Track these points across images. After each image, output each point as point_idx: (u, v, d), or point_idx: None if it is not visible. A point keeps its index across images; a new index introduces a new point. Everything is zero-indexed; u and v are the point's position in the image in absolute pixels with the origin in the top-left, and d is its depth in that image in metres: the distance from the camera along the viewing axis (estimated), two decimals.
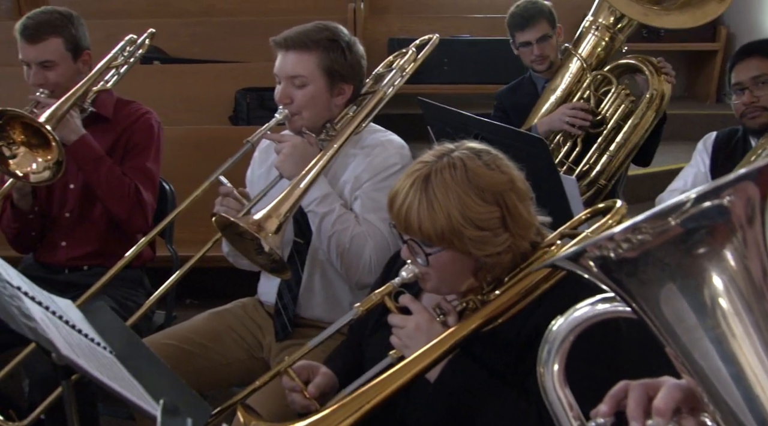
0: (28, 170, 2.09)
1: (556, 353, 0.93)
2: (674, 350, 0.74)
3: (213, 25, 5.12)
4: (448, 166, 1.30)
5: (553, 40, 2.87)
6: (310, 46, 1.87)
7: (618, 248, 0.72)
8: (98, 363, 1.25)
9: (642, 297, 0.75)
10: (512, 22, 2.90)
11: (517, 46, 2.93)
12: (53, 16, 2.28)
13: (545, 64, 2.89)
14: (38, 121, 2.01)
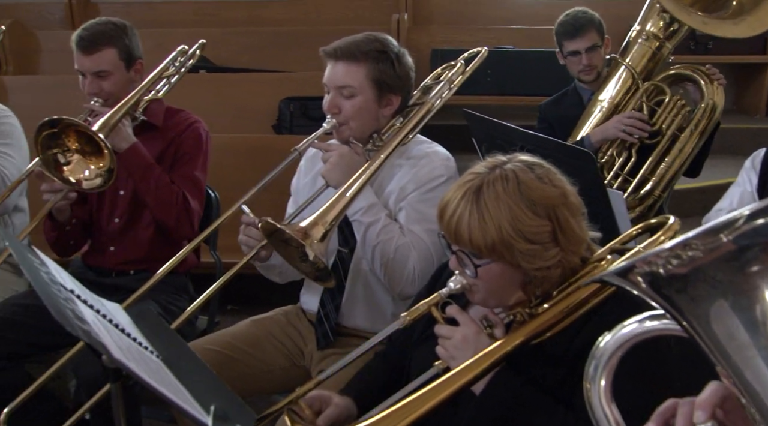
0: (81, 177, 2.14)
1: (603, 369, 0.92)
2: (725, 369, 0.73)
3: (258, 34, 5.19)
4: (500, 178, 1.30)
5: (601, 50, 2.84)
6: (359, 57, 1.88)
7: (668, 264, 0.71)
8: (146, 367, 1.27)
9: (692, 314, 0.74)
10: (562, 30, 2.86)
11: (564, 55, 2.89)
12: (108, 27, 2.32)
13: (593, 75, 2.85)
14: (92, 129, 2.06)
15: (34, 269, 1.29)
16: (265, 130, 4.20)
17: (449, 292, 1.38)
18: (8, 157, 2.48)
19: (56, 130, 2.06)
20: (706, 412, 0.77)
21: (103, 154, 2.08)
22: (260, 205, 1.95)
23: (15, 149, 2.52)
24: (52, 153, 2.09)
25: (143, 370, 1.18)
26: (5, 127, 2.55)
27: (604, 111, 2.77)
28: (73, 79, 2.43)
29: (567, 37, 2.84)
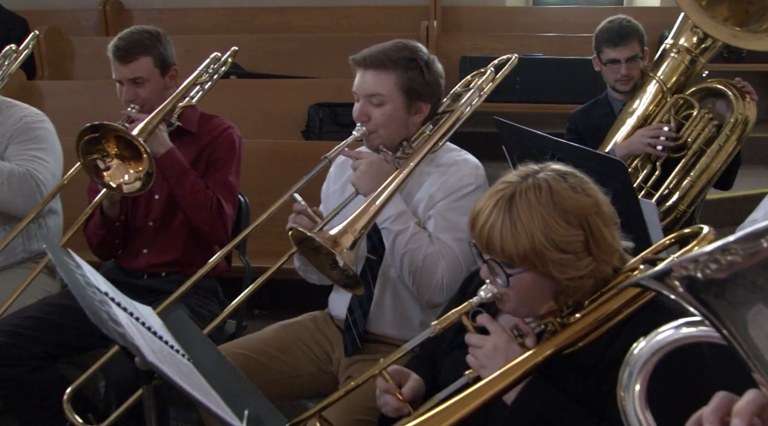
0: (121, 181, 2.17)
1: (637, 376, 0.91)
2: (763, 375, 0.72)
3: (288, 41, 5.23)
4: (533, 187, 1.29)
5: (640, 62, 2.79)
6: (388, 65, 1.89)
7: (706, 269, 0.70)
8: (178, 370, 1.28)
9: (730, 319, 0.73)
10: (605, 37, 2.79)
11: (603, 62, 2.83)
12: (143, 35, 2.36)
13: (629, 86, 2.81)
14: (132, 134, 2.09)
15: (70, 272, 1.31)
16: (294, 136, 4.23)
17: (480, 301, 1.38)
18: (43, 161, 2.52)
19: (96, 136, 2.09)
20: (744, 420, 0.76)
21: (141, 158, 2.11)
22: (289, 212, 1.97)
23: (49, 153, 2.56)
24: (92, 158, 2.13)
25: (175, 373, 1.19)
26: (40, 131, 2.60)
27: (632, 124, 2.74)
28: (106, 84, 2.48)
29: (609, 44, 2.78)
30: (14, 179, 2.43)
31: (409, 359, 1.73)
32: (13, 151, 2.53)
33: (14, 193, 2.42)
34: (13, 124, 2.58)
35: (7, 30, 5.54)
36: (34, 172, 2.47)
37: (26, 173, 2.45)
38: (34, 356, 2.21)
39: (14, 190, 2.42)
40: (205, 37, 5.04)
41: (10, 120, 2.59)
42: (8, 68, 2.71)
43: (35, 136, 2.57)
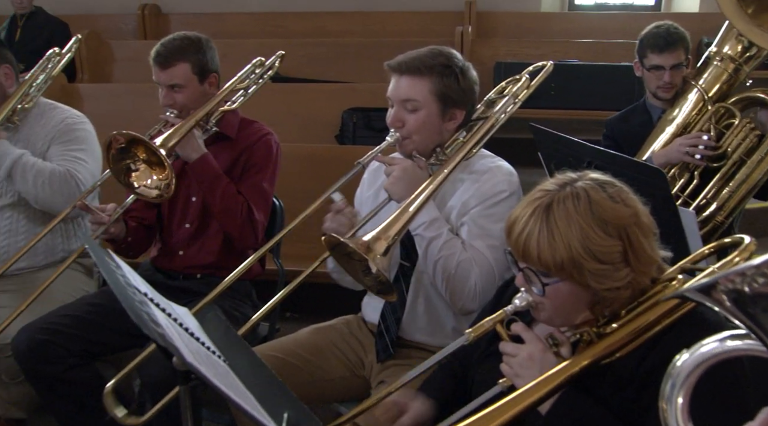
0: (142, 184, 2.20)
1: (680, 388, 0.91)
2: None
3: (323, 46, 5.27)
4: (570, 196, 1.28)
5: (684, 70, 2.74)
6: (423, 71, 1.89)
7: (753, 282, 0.70)
8: (215, 371, 1.29)
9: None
10: (652, 42, 2.74)
11: (647, 67, 2.78)
12: (183, 42, 2.39)
13: (671, 93, 2.75)
14: (154, 144, 2.12)
15: (111, 272, 1.33)
16: (328, 141, 4.25)
17: (514, 309, 1.37)
18: (83, 162, 2.57)
19: (123, 145, 2.13)
20: None
21: (164, 167, 2.13)
22: (321, 217, 1.98)
23: (89, 154, 2.61)
24: (125, 163, 2.17)
25: (213, 375, 1.20)
26: (81, 133, 2.65)
27: (671, 132, 2.70)
28: (145, 87, 2.53)
29: (655, 49, 2.73)
30: (55, 179, 2.48)
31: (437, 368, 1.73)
32: (55, 151, 2.58)
33: (55, 192, 2.47)
34: (55, 125, 2.63)
35: (49, 34, 5.68)
36: (74, 173, 2.52)
37: (66, 173, 2.50)
38: (73, 354, 2.25)
39: (55, 189, 2.47)
40: (241, 42, 5.11)
41: (52, 121, 2.65)
42: (51, 71, 2.76)
43: (76, 137, 2.63)
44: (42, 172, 2.47)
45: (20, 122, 2.62)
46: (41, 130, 2.63)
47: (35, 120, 2.65)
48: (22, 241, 2.60)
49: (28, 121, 2.64)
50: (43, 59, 2.77)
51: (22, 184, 2.48)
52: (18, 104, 2.59)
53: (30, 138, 2.62)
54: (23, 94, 2.60)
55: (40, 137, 2.62)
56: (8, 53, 2.65)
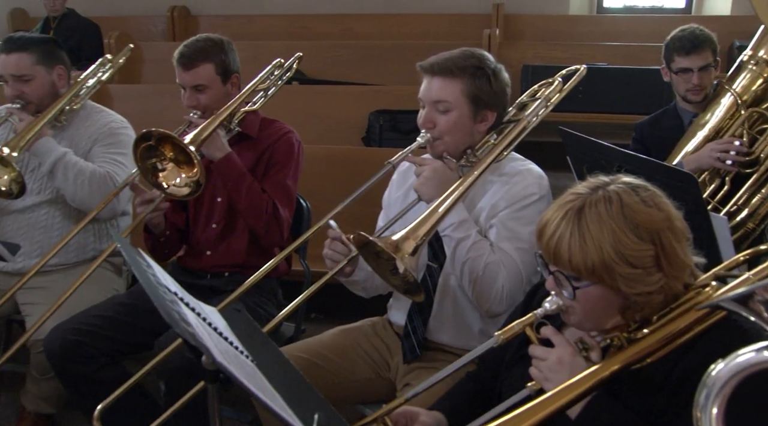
0: (171, 183, 2.22)
1: (715, 398, 0.89)
2: None
3: (350, 48, 5.28)
4: (603, 200, 1.27)
5: (713, 71, 2.72)
6: (456, 73, 1.89)
7: None
8: (243, 371, 1.30)
9: None
10: (678, 45, 2.73)
11: (674, 71, 2.76)
12: (206, 43, 2.41)
13: (701, 96, 2.73)
14: (183, 141, 2.14)
15: (142, 271, 1.34)
16: (355, 143, 4.26)
17: (544, 312, 1.36)
18: (122, 165, 2.62)
19: (153, 143, 2.15)
20: None
21: (193, 165, 2.15)
22: (350, 217, 1.98)
23: (128, 158, 2.63)
24: (151, 162, 2.20)
25: (241, 374, 1.21)
26: (123, 137, 2.70)
27: (703, 136, 2.66)
28: (173, 88, 2.55)
29: (681, 52, 2.71)
30: (95, 179, 2.53)
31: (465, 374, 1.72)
32: (97, 152, 2.65)
33: (93, 192, 2.52)
34: (99, 128, 2.70)
35: (81, 35, 5.77)
36: (113, 175, 2.57)
37: (106, 175, 2.55)
38: (104, 354, 2.28)
39: (93, 189, 2.52)
40: (269, 44, 5.14)
41: (97, 124, 2.71)
42: (102, 76, 2.83)
43: (118, 141, 2.68)
44: (83, 172, 2.52)
45: (67, 122, 2.69)
46: (86, 131, 2.69)
47: (81, 121, 2.71)
48: (56, 238, 2.65)
49: (74, 121, 2.71)
50: (96, 64, 2.85)
51: (63, 182, 2.53)
52: (67, 105, 2.65)
53: (74, 138, 2.68)
54: (73, 95, 2.67)
55: (84, 138, 2.68)
56: (64, 55, 2.72)
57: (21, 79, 2.57)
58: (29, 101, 2.60)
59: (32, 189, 2.64)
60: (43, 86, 2.62)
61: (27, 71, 2.57)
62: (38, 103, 2.61)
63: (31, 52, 2.58)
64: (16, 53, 2.57)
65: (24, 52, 2.57)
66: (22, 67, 2.57)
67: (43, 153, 2.52)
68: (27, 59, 2.57)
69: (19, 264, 2.60)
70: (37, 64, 2.59)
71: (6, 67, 2.58)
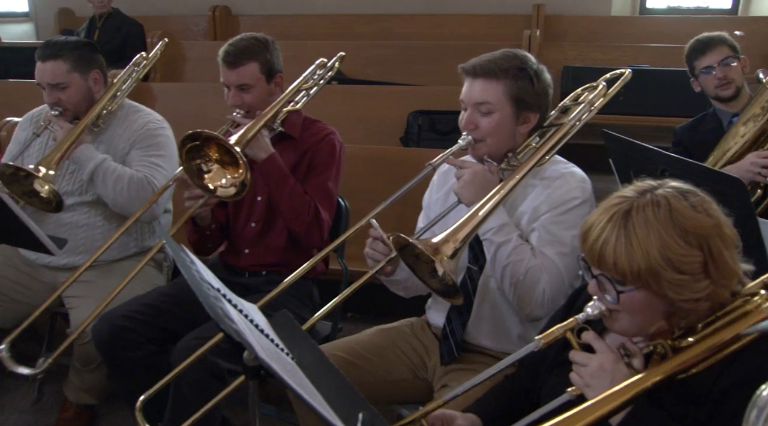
0: (218, 185, 2.24)
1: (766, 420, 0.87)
2: None
3: (389, 48, 5.29)
4: (650, 204, 1.26)
5: (737, 65, 2.75)
6: (498, 74, 1.88)
7: None
8: (284, 369, 1.31)
9: None
10: (693, 48, 2.84)
11: (697, 75, 2.82)
12: (251, 42, 2.43)
13: (731, 90, 2.74)
14: (229, 142, 2.15)
15: (187, 267, 1.37)
16: (393, 143, 4.26)
17: (586, 317, 1.35)
18: (160, 168, 2.65)
19: (198, 143, 2.16)
20: None
21: (239, 165, 2.16)
22: (388, 218, 1.98)
23: (167, 160, 2.68)
24: (195, 163, 2.21)
25: (282, 371, 1.22)
26: (160, 138, 2.72)
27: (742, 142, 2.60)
28: (214, 86, 2.57)
29: (697, 54, 2.81)
30: (133, 185, 2.55)
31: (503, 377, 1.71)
32: (135, 155, 2.66)
33: (132, 198, 2.55)
34: (137, 129, 2.71)
35: (125, 34, 5.87)
36: (151, 179, 2.59)
37: (144, 179, 2.58)
38: (151, 340, 2.31)
39: (132, 195, 2.55)
40: (309, 43, 5.17)
41: (134, 125, 2.73)
42: (138, 74, 2.85)
43: (156, 142, 2.70)
44: (121, 178, 2.55)
45: (104, 124, 2.71)
46: (123, 132, 2.72)
47: (118, 122, 2.74)
48: (99, 234, 2.70)
49: (112, 123, 2.73)
50: (131, 63, 2.87)
51: (102, 188, 2.56)
52: (104, 109, 2.68)
53: (113, 140, 2.70)
54: (109, 98, 2.70)
55: (122, 139, 2.70)
56: (100, 57, 2.74)
57: (57, 87, 2.60)
58: (66, 108, 2.62)
59: (73, 190, 2.69)
60: (79, 93, 2.64)
61: (62, 79, 2.59)
62: (75, 109, 2.64)
63: (66, 59, 2.59)
64: (51, 61, 2.59)
65: (59, 60, 2.58)
66: (57, 75, 2.59)
67: (82, 161, 2.56)
68: (62, 67, 2.59)
69: (63, 260, 2.66)
70: (71, 71, 2.61)
71: (42, 76, 2.60)
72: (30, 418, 2.94)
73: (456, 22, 5.96)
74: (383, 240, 1.87)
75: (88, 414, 2.81)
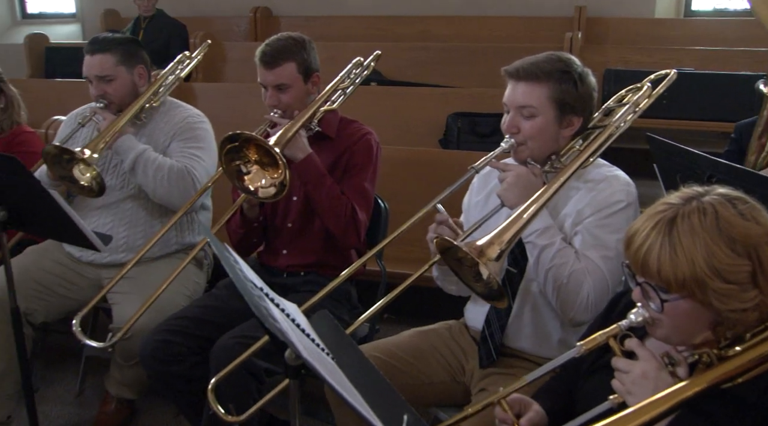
0: (258, 185, 2.25)
1: None
2: None
3: (428, 49, 5.28)
4: (697, 211, 1.24)
5: None
6: (541, 77, 1.86)
7: None
8: (325, 368, 1.32)
9: None
10: None
11: None
12: (288, 42, 2.43)
13: None
14: (269, 143, 2.17)
15: (231, 266, 1.38)
16: (432, 145, 4.25)
17: (629, 324, 1.34)
18: (200, 159, 2.69)
19: (237, 144, 2.18)
20: None
21: (278, 166, 2.17)
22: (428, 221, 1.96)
23: (206, 152, 2.73)
24: (235, 165, 2.22)
25: (324, 371, 1.23)
26: (199, 131, 2.78)
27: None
28: (254, 86, 2.59)
29: None
30: (173, 174, 2.60)
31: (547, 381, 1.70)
32: (175, 147, 2.72)
33: (172, 187, 2.60)
34: (177, 123, 2.78)
35: (168, 35, 5.97)
36: (191, 169, 2.63)
37: (184, 169, 2.62)
38: (192, 351, 2.33)
39: (173, 184, 2.60)
40: (348, 45, 5.19)
41: (175, 119, 2.79)
42: (180, 72, 2.91)
43: (195, 135, 2.75)
44: (162, 168, 2.60)
45: (146, 119, 2.78)
46: (165, 126, 2.78)
47: (160, 117, 2.80)
48: (140, 233, 2.76)
49: (153, 117, 2.80)
50: (174, 61, 2.93)
51: (143, 178, 2.61)
52: (146, 103, 2.75)
53: (154, 133, 2.76)
54: (152, 93, 2.76)
55: (163, 133, 2.76)
56: (144, 54, 2.81)
57: (104, 80, 2.68)
58: (111, 101, 2.70)
59: (115, 184, 2.75)
60: (124, 86, 2.71)
61: (109, 72, 2.67)
62: (119, 102, 2.71)
63: (113, 53, 2.68)
64: (99, 54, 2.67)
65: (106, 53, 2.67)
66: (104, 68, 2.67)
67: (124, 150, 2.61)
68: (109, 60, 2.67)
69: (107, 257, 2.71)
70: (118, 64, 2.69)
71: (90, 69, 2.69)
72: (73, 411, 3.01)
73: (495, 24, 5.92)
74: (449, 225, 1.87)
75: (128, 408, 2.86)
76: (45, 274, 2.72)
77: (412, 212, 1.99)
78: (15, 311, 2.33)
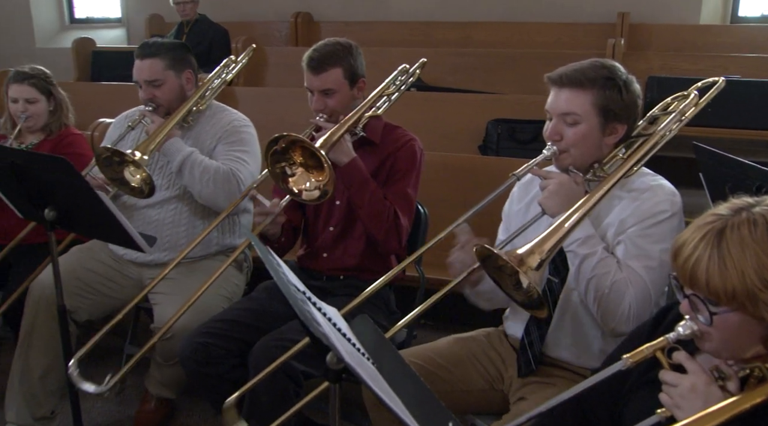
0: (303, 188, 2.27)
1: None
2: None
3: (469, 55, 5.26)
4: (747, 222, 1.21)
5: None
6: (585, 85, 1.84)
7: None
8: (366, 373, 1.32)
9: None
10: None
11: None
12: (335, 47, 2.45)
13: None
14: (315, 145, 2.19)
15: (275, 269, 1.39)
16: (471, 151, 4.23)
17: (677, 337, 1.31)
18: (244, 162, 2.73)
19: (283, 146, 2.20)
20: None
21: (323, 168, 2.18)
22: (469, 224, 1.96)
23: (251, 156, 2.77)
24: (280, 166, 2.25)
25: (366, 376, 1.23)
26: (244, 135, 2.82)
27: None
28: (295, 91, 2.61)
29: None
30: (219, 177, 2.64)
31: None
32: (221, 150, 2.77)
33: (218, 189, 2.64)
34: (223, 126, 2.82)
35: (210, 39, 6.06)
36: (236, 172, 2.67)
37: (229, 172, 2.66)
38: (231, 353, 2.35)
39: (218, 186, 2.63)
40: (388, 50, 5.20)
41: (221, 122, 2.84)
42: (226, 76, 2.96)
43: (240, 138, 2.79)
44: (208, 170, 2.64)
45: (193, 122, 2.83)
46: (210, 129, 2.82)
47: (206, 120, 2.85)
48: (183, 233, 2.80)
49: (200, 121, 2.85)
50: (220, 65, 2.98)
51: (189, 179, 2.66)
52: (193, 107, 2.80)
53: (200, 136, 2.81)
54: (199, 97, 2.81)
55: (209, 136, 2.81)
56: (192, 58, 2.86)
57: (153, 84, 2.73)
58: (159, 104, 2.75)
59: (161, 185, 2.80)
60: (173, 90, 2.76)
61: (158, 76, 2.72)
62: (168, 105, 2.76)
63: (162, 58, 2.73)
64: (149, 59, 2.72)
65: (156, 58, 2.72)
66: (154, 72, 2.72)
67: (171, 153, 2.66)
68: (158, 65, 2.72)
69: (150, 257, 2.76)
70: (167, 69, 2.74)
71: (140, 73, 2.74)
72: (113, 408, 3.06)
73: (537, 30, 5.88)
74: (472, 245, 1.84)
75: (167, 407, 2.91)
76: (90, 274, 2.78)
77: (451, 218, 1.99)
78: (61, 309, 2.39)
